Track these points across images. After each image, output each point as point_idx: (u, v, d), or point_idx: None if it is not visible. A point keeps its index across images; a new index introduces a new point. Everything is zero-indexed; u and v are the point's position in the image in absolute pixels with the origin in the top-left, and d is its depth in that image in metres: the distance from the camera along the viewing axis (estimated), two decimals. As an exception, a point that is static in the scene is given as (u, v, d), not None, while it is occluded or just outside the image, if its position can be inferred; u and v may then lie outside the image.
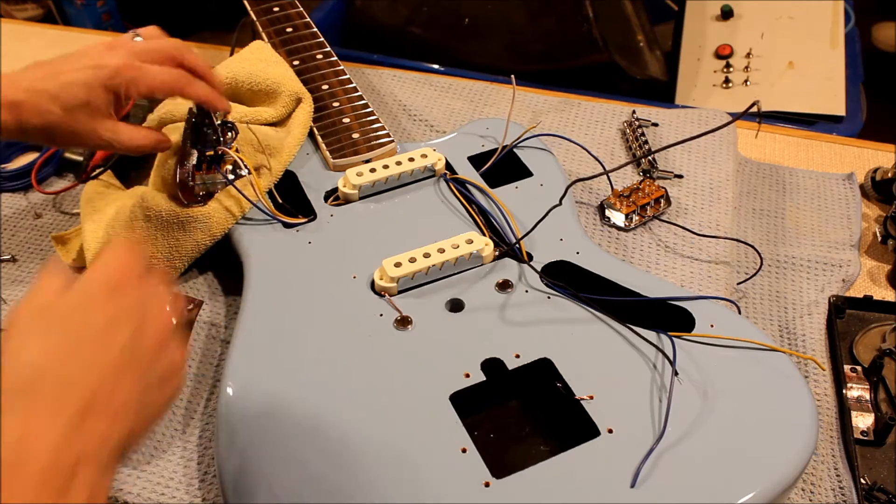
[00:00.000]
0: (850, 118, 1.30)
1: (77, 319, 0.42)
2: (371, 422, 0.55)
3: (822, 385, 0.68)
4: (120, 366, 0.42)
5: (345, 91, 0.81)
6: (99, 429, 0.39)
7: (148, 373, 0.43)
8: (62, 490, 0.37)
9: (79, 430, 0.38)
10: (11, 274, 0.79)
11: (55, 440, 0.37)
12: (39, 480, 0.36)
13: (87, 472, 0.38)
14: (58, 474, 0.37)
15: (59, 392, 0.39)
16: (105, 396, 0.40)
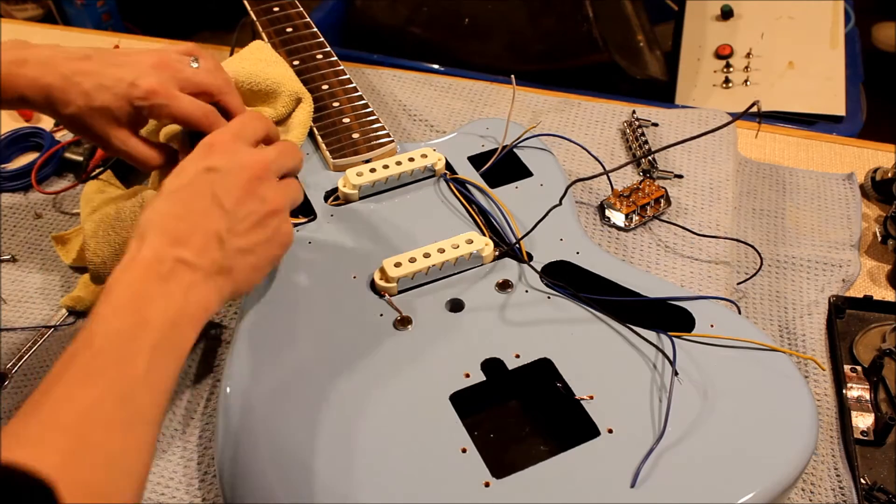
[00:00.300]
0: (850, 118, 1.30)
1: (174, 180, 0.56)
2: (371, 422, 0.55)
3: (822, 385, 0.68)
4: (204, 209, 0.54)
5: (345, 91, 0.81)
6: (188, 252, 0.52)
7: (235, 214, 0.55)
8: (164, 276, 0.51)
9: (172, 248, 0.52)
10: (11, 274, 0.79)
11: (155, 252, 0.51)
12: (146, 268, 0.51)
13: (184, 272, 0.51)
14: (159, 267, 0.51)
15: (159, 229, 0.53)
16: (191, 231, 0.53)
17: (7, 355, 0.70)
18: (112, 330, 0.47)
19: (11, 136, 0.91)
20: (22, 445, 0.40)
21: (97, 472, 0.41)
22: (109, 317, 0.48)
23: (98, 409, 0.43)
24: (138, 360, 0.46)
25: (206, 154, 0.58)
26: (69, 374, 0.45)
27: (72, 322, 0.74)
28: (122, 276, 0.50)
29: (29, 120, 0.97)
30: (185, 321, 0.50)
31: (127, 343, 0.47)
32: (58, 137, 0.93)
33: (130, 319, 0.48)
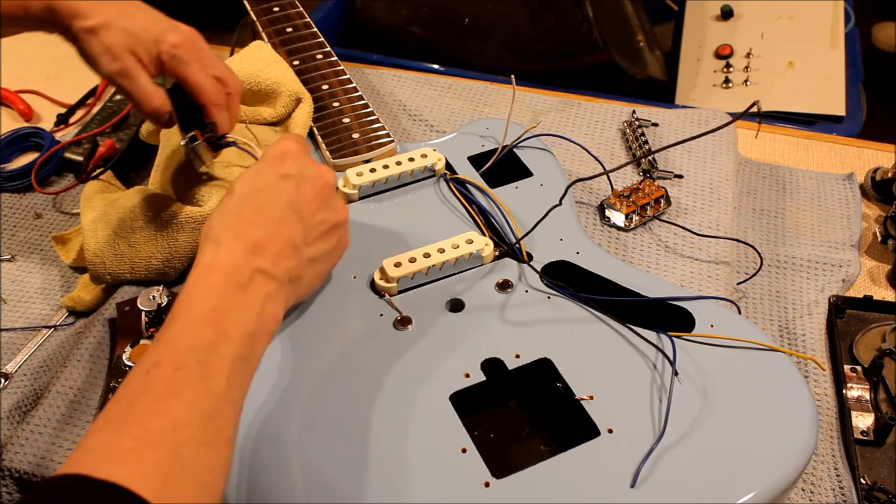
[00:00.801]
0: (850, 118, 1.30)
1: (248, 184, 0.56)
2: (371, 422, 0.55)
3: (822, 385, 0.68)
4: (282, 218, 0.55)
5: (345, 91, 0.81)
6: (267, 261, 0.52)
7: (309, 222, 0.57)
8: (243, 286, 0.51)
9: (252, 257, 0.52)
10: (11, 274, 0.79)
11: (234, 260, 0.51)
12: (226, 276, 0.50)
13: (262, 283, 0.52)
14: (239, 276, 0.51)
15: (237, 233, 0.53)
16: (270, 240, 0.53)
17: (7, 355, 0.70)
18: (195, 343, 0.47)
19: (11, 136, 0.91)
20: (119, 461, 0.40)
21: (188, 491, 0.41)
22: (192, 325, 0.48)
23: (187, 428, 0.43)
24: (220, 376, 0.46)
25: (280, 161, 0.58)
26: (154, 386, 0.44)
27: (72, 322, 0.74)
28: (202, 282, 0.50)
29: (29, 120, 0.97)
30: (261, 333, 0.50)
31: (209, 357, 0.46)
32: (58, 137, 0.93)
33: (212, 333, 0.47)
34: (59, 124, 0.95)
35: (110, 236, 0.70)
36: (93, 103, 0.98)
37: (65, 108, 0.98)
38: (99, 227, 0.71)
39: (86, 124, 0.93)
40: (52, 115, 0.96)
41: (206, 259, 0.51)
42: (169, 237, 0.70)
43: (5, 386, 0.67)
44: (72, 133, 0.93)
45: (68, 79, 1.02)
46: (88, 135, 0.89)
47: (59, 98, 1.00)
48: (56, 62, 1.05)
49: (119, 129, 0.90)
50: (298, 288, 0.56)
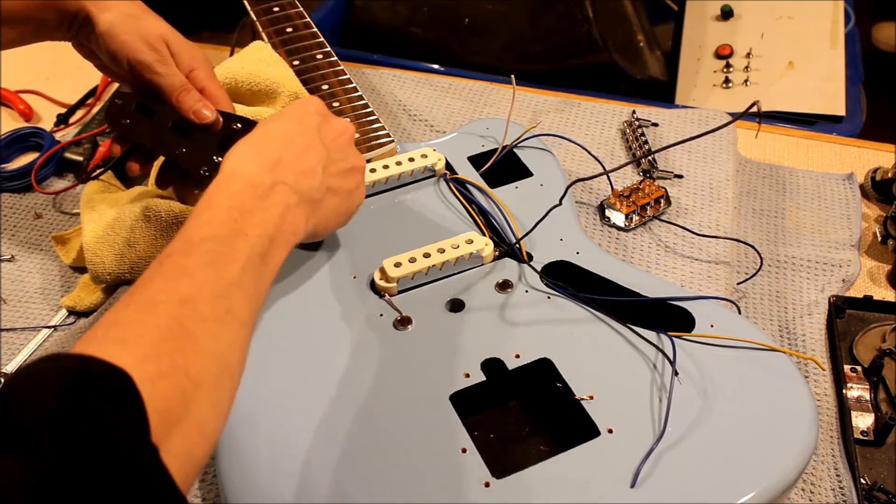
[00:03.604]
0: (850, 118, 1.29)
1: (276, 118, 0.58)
2: (371, 422, 0.55)
3: (822, 385, 0.68)
4: (306, 142, 0.57)
5: (345, 91, 0.81)
6: (287, 176, 0.54)
7: (331, 154, 0.58)
8: (263, 195, 0.52)
9: (273, 170, 0.53)
10: (11, 274, 0.79)
11: (255, 170, 0.53)
12: (247, 183, 0.52)
13: (282, 193, 0.53)
14: (260, 185, 0.52)
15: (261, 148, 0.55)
16: (292, 158, 0.55)
17: (7, 355, 0.70)
18: (209, 234, 0.48)
19: (11, 136, 0.91)
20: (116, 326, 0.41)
21: (189, 356, 0.41)
22: (208, 222, 0.49)
23: (193, 303, 0.43)
24: (234, 266, 0.47)
25: (305, 105, 0.60)
26: (164, 270, 0.45)
27: (72, 322, 0.74)
28: (221, 188, 0.51)
29: (29, 120, 0.97)
30: (279, 239, 0.51)
31: (223, 247, 0.47)
32: (58, 137, 0.93)
33: (228, 228, 0.48)
34: (59, 124, 0.95)
35: (110, 236, 0.70)
36: (93, 103, 0.98)
37: (65, 108, 0.98)
38: (99, 227, 0.71)
39: (86, 124, 0.93)
40: (52, 115, 0.96)
41: (228, 168, 0.53)
42: (169, 237, 0.70)
43: (5, 386, 0.67)
44: (72, 133, 0.93)
45: (68, 79, 1.02)
46: (88, 135, 0.89)
47: (59, 98, 1.00)
48: (56, 62, 1.05)
49: (119, 129, 0.90)
50: (318, 211, 0.57)
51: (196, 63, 0.67)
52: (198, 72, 0.67)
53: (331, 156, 0.58)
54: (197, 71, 0.67)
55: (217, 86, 0.68)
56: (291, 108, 0.60)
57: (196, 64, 0.67)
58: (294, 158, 0.55)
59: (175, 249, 0.47)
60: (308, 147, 0.57)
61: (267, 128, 0.57)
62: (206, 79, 0.67)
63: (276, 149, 0.55)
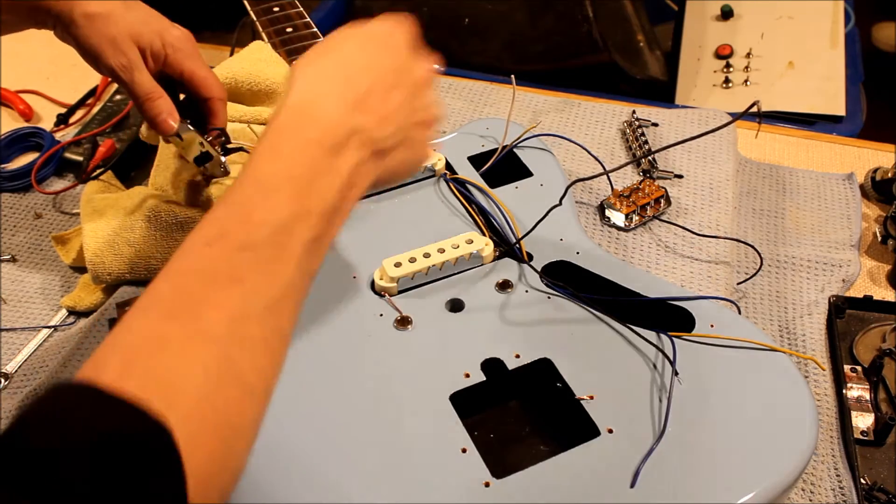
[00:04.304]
0: (850, 118, 1.29)
1: (365, 33, 0.50)
2: (371, 422, 0.55)
3: (822, 385, 0.68)
4: (392, 81, 0.48)
5: (345, 91, 0.81)
6: (368, 121, 0.46)
7: (413, 100, 0.50)
8: (336, 149, 0.44)
9: (353, 114, 0.45)
10: (11, 274, 0.79)
11: (337, 108, 0.45)
12: (323, 131, 0.44)
13: (356, 147, 0.45)
14: (334, 135, 0.44)
15: (346, 73, 0.46)
16: (376, 98, 0.47)
17: (7, 355, 0.70)
18: (270, 218, 0.41)
19: (11, 136, 0.91)
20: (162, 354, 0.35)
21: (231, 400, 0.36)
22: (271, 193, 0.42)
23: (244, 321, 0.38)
24: (291, 262, 0.41)
25: (399, 28, 0.51)
26: (215, 265, 0.39)
27: (72, 322, 0.74)
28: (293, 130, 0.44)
29: (29, 120, 0.97)
30: (340, 212, 0.45)
31: (283, 238, 0.41)
32: (58, 137, 0.93)
33: (292, 206, 0.41)
34: (59, 124, 0.95)
35: (110, 236, 0.70)
36: (93, 103, 0.98)
37: (65, 108, 0.98)
38: (99, 227, 0.71)
39: (86, 124, 0.93)
40: (52, 115, 0.96)
41: (304, 97, 0.45)
42: (169, 237, 0.70)
43: (5, 386, 0.68)
44: (72, 133, 0.93)
45: (68, 79, 1.02)
46: (88, 135, 0.89)
47: (59, 98, 1.00)
48: (56, 62, 1.05)
49: (119, 129, 0.90)
50: (385, 164, 0.49)
51: (173, 49, 0.65)
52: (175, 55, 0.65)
53: (416, 99, 0.50)
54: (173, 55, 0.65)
55: (198, 66, 0.66)
56: (385, 25, 0.51)
57: (172, 50, 0.65)
58: (381, 97, 0.47)
59: (228, 230, 0.40)
60: (397, 84, 0.48)
61: (354, 44, 0.49)
62: (185, 60, 0.65)
63: (363, 80, 0.46)
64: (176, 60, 0.65)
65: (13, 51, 1.05)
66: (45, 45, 1.04)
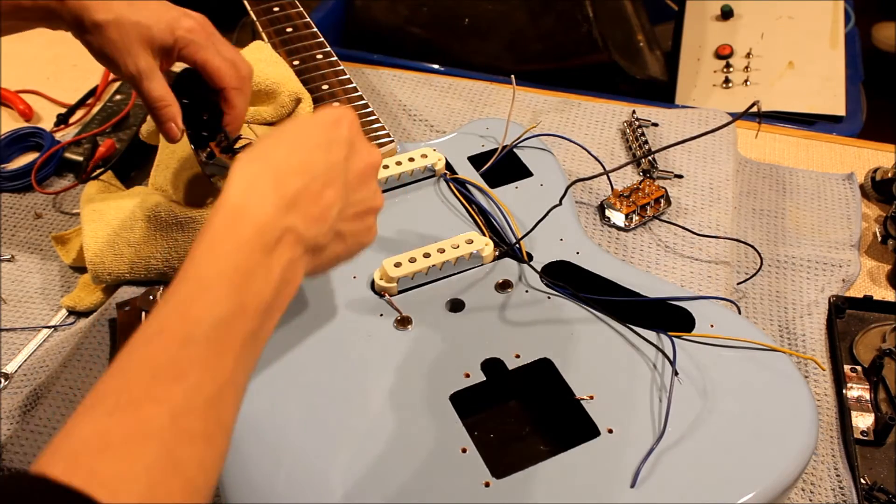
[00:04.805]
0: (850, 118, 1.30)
1: (301, 134, 0.51)
2: (371, 422, 0.55)
3: (822, 385, 0.68)
4: (328, 178, 0.49)
5: (345, 91, 0.81)
6: (300, 221, 0.47)
7: (350, 195, 0.51)
8: (269, 248, 0.45)
9: (284, 214, 0.46)
10: (11, 274, 0.79)
11: (269, 210, 0.46)
12: (256, 231, 0.45)
13: (289, 245, 0.46)
14: (268, 235, 0.45)
15: (277, 178, 0.47)
16: (308, 198, 0.48)
17: (7, 355, 0.70)
18: (208, 314, 0.41)
19: (11, 136, 0.91)
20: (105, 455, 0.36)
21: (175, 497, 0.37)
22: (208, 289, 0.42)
23: (186, 417, 0.38)
24: (229, 357, 0.42)
25: (337, 123, 0.52)
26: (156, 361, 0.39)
27: (72, 322, 0.73)
28: (228, 231, 0.44)
29: (29, 120, 0.97)
30: (276, 306, 0.46)
31: (222, 333, 0.42)
32: (58, 137, 0.93)
33: (229, 302, 0.42)
34: (59, 124, 0.95)
35: (110, 236, 0.70)
36: (93, 103, 0.98)
37: (65, 108, 0.98)
38: (99, 227, 0.71)
39: (86, 124, 0.93)
40: (52, 115, 0.96)
41: (237, 200, 0.46)
42: (169, 237, 0.70)
43: (5, 386, 0.68)
44: (72, 133, 0.93)
45: (68, 79, 1.02)
46: (88, 135, 0.89)
47: (59, 98, 0.99)
48: (56, 62, 1.05)
49: (119, 129, 0.90)
50: (316, 261, 0.50)
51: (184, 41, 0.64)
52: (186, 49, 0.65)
53: (350, 196, 0.51)
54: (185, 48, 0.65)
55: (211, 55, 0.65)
56: (320, 123, 0.52)
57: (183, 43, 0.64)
58: (312, 198, 0.48)
59: (168, 326, 0.41)
60: (329, 183, 0.49)
61: (287, 146, 0.49)
62: (197, 52, 0.65)
63: (295, 181, 0.47)
64: (188, 53, 0.65)
65: (13, 51, 1.05)
66: (45, 45, 1.04)
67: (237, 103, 0.67)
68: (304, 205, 0.47)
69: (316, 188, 0.48)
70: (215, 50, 0.66)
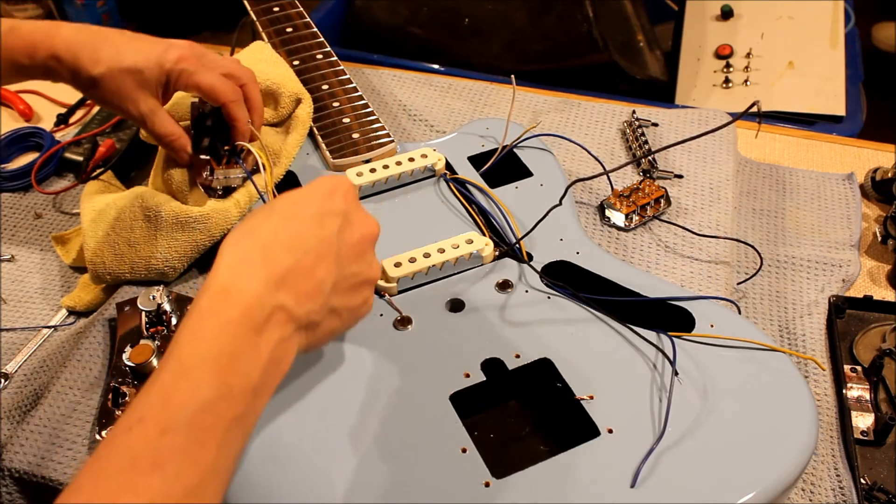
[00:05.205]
0: (850, 118, 1.30)
1: (293, 207, 0.50)
2: (371, 422, 0.55)
3: (822, 385, 0.68)
4: (320, 253, 0.48)
5: (345, 91, 0.81)
6: (290, 299, 0.46)
7: (343, 269, 0.50)
8: (257, 328, 0.44)
9: (274, 293, 0.45)
10: (11, 274, 0.79)
11: (257, 288, 0.44)
12: (243, 311, 0.44)
13: (279, 324, 0.45)
14: (256, 314, 0.44)
15: (267, 255, 0.46)
16: (299, 274, 0.46)
17: (7, 355, 0.70)
18: (190, 400, 0.41)
19: (11, 136, 0.91)
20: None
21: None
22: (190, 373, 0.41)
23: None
24: (212, 444, 0.41)
25: (330, 195, 0.51)
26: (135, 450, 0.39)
27: (72, 322, 0.73)
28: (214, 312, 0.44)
29: (29, 120, 0.97)
30: (265, 387, 0.45)
31: (204, 419, 0.41)
32: (58, 137, 0.93)
33: (213, 387, 0.41)
34: (59, 124, 0.95)
35: (110, 236, 0.70)
36: (93, 103, 0.98)
37: (65, 108, 0.98)
38: (99, 227, 0.71)
39: (86, 124, 0.93)
40: (52, 115, 0.96)
41: (225, 279, 0.45)
42: (169, 237, 0.70)
43: (5, 386, 0.68)
44: (72, 133, 0.93)
45: (68, 79, 1.02)
46: (88, 135, 0.89)
47: (59, 98, 1.00)
48: (56, 62, 1.05)
49: (119, 129, 0.90)
50: (310, 337, 0.49)
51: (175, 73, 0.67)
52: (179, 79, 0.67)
53: (344, 270, 0.50)
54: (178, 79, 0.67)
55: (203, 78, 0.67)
56: (313, 195, 0.50)
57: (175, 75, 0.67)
58: (302, 274, 0.47)
59: (149, 414, 0.40)
60: (321, 258, 0.48)
61: (278, 220, 0.48)
62: (189, 79, 0.67)
63: (285, 258, 0.46)
64: (182, 82, 0.67)
65: (13, 51, 1.05)
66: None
67: (239, 115, 0.69)
68: (296, 281, 0.46)
69: (308, 264, 0.47)
70: (206, 71, 0.67)
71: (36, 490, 0.61)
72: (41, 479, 0.60)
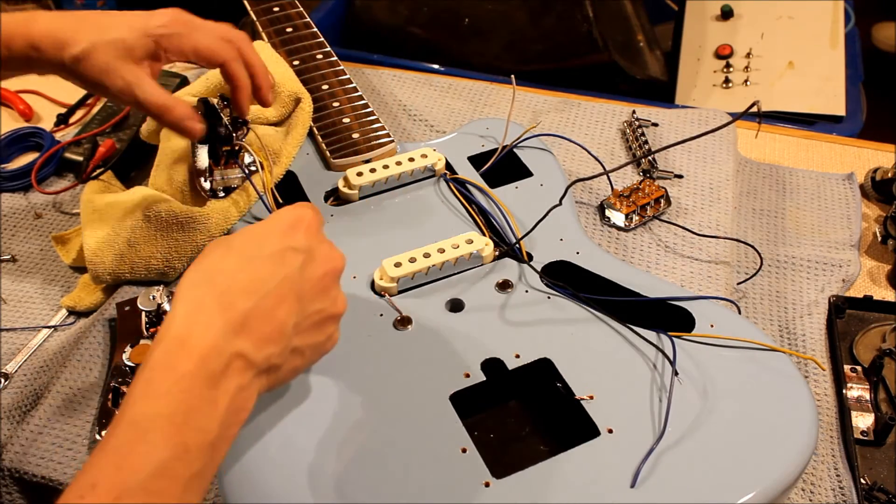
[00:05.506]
0: (850, 118, 1.30)
1: (252, 244, 0.47)
2: (371, 422, 0.55)
3: (822, 385, 0.68)
4: (280, 294, 0.46)
5: (345, 91, 0.81)
6: (249, 344, 0.44)
7: (306, 308, 0.48)
8: (213, 380, 0.42)
9: (234, 337, 0.43)
10: (11, 274, 0.79)
11: (214, 336, 0.42)
12: (199, 362, 0.41)
13: (237, 372, 0.43)
14: (213, 364, 0.42)
15: (224, 300, 0.44)
16: (258, 318, 0.44)
17: (7, 355, 0.70)
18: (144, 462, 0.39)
19: (11, 136, 0.91)
20: None
21: None
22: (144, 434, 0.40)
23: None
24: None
25: (292, 230, 0.49)
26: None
27: (72, 322, 0.73)
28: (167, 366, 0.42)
29: (29, 120, 0.97)
30: (225, 438, 0.43)
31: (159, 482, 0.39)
32: (58, 137, 0.93)
33: (167, 447, 0.40)
34: (59, 124, 0.95)
35: (110, 236, 0.70)
36: (93, 103, 0.98)
37: (65, 108, 0.98)
38: (99, 226, 0.71)
39: (86, 124, 0.93)
40: (52, 115, 0.96)
41: (180, 329, 0.43)
42: (169, 237, 0.70)
43: (5, 386, 0.68)
44: (72, 133, 0.93)
45: (68, 79, 1.02)
46: (88, 135, 0.89)
47: (59, 98, 1.00)
48: (56, 62, 1.05)
49: (119, 129, 0.90)
50: (272, 380, 0.47)
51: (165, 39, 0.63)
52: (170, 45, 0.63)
53: (306, 308, 0.48)
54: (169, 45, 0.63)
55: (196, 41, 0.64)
56: (273, 230, 0.48)
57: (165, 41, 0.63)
58: (262, 318, 0.44)
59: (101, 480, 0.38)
60: (282, 299, 0.46)
61: (235, 261, 0.46)
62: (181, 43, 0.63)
63: (243, 302, 0.44)
64: (174, 46, 0.63)
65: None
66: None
67: (240, 73, 0.66)
68: (255, 325, 0.44)
69: (267, 306, 0.45)
70: (200, 33, 0.64)
71: (36, 490, 0.61)
72: (41, 479, 0.60)
